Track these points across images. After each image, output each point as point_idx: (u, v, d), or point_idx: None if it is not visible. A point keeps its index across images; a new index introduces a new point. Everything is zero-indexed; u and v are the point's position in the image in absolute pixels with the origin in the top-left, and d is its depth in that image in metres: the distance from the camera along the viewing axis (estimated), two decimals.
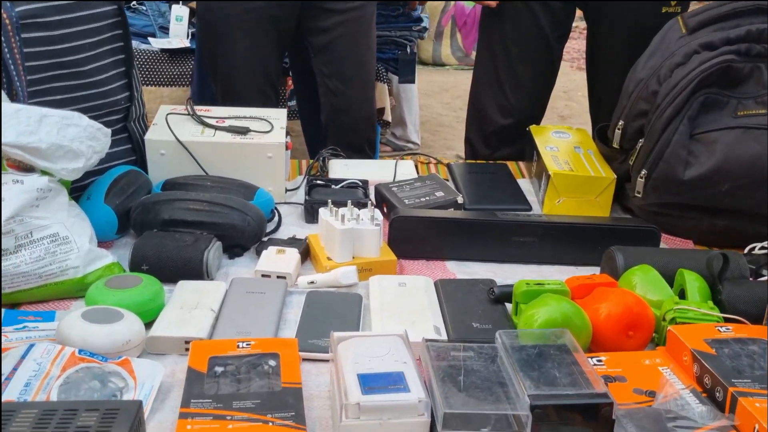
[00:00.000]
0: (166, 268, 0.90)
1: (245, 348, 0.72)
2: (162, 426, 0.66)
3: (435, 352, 0.68)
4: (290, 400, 0.65)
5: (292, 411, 0.64)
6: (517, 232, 1.01)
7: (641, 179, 1.06)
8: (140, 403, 0.59)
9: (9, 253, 0.80)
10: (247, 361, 0.70)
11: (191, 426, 0.61)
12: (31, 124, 0.81)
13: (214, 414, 0.63)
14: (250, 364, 0.70)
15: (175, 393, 0.71)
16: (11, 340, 0.72)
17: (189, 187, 1.06)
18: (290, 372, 0.69)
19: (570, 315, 0.76)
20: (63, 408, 0.57)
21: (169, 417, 0.67)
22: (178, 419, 0.62)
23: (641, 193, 1.08)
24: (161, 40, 2.11)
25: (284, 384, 0.67)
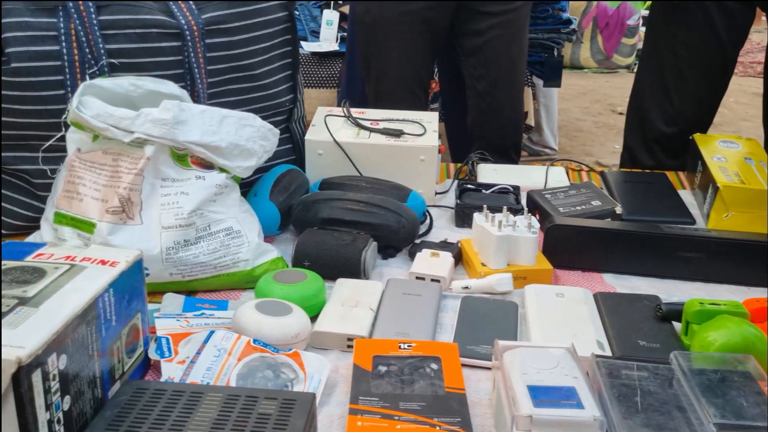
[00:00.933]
0: (326, 265, 0.93)
1: (407, 349, 0.73)
2: (330, 419, 0.68)
3: (606, 368, 0.66)
4: (455, 406, 0.65)
5: (458, 417, 0.64)
6: (683, 247, 0.95)
7: None
8: (314, 396, 0.61)
9: (190, 243, 0.86)
10: (409, 363, 0.71)
11: (362, 423, 0.63)
12: (214, 124, 0.87)
13: (382, 413, 0.64)
14: (413, 366, 0.71)
15: (340, 389, 0.73)
16: (192, 325, 0.77)
17: (345, 186, 1.09)
18: (453, 377, 0.69)
19: (753, 340, 0.71)
20: (245, 395, 0.61)
21: (335, 411, 0.70)
22: (348, 415, 0.64)
23: None
24: (312, 43, 2.19)
25: (448, 389, 0.67)
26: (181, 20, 0.94)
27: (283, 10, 1.03)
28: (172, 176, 0.85)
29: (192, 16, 0.94)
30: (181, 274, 0.86)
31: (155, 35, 0.93)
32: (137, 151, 0.84)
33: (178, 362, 0.70)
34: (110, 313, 0.64)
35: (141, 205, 0.84)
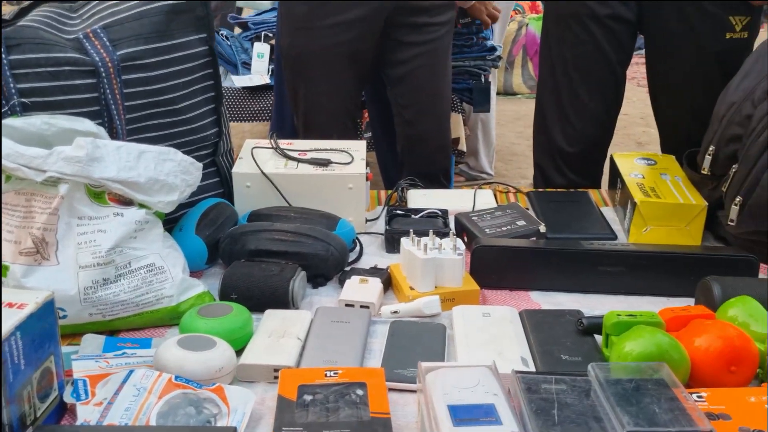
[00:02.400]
0: (253, 297, 0.92)
1: (333, 377, 0.73)
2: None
3: (526, 384, 0.67)
4: (380, 430, 0.65)
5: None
6: (604, 262, 0.98)
7: (735, 206, 1.02)
8: (235, 429, 0.60)
9: (110, 282, 0.84)
10: (335, 390, 0.71)
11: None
12: (131, 159, 0.86)
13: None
14: (339, 393, 0.70)
15: (265, 421, 0.72)
16: (112, 365, 0.75)
17: (273, 218, 1.08)
18: (378, 402, 0.69)
19: (666, 348, 0.73)
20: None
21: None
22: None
23: (735, 221, 1.03)
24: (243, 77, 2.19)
25: (373, 414, 0.67)
26: (95, 57, 0.93)
27: (203, 45, 1.04)
28: (89, 214, 0.84)
29: (106, 53, 0.93)
30: (101, 313, 0.84)
31: (68, 73, 0.92)
32: (51, 190, 0.82)
33: (95, 404, 0.68)
34: (18, 358, 0.61)
35: (57, 245, 0.82)
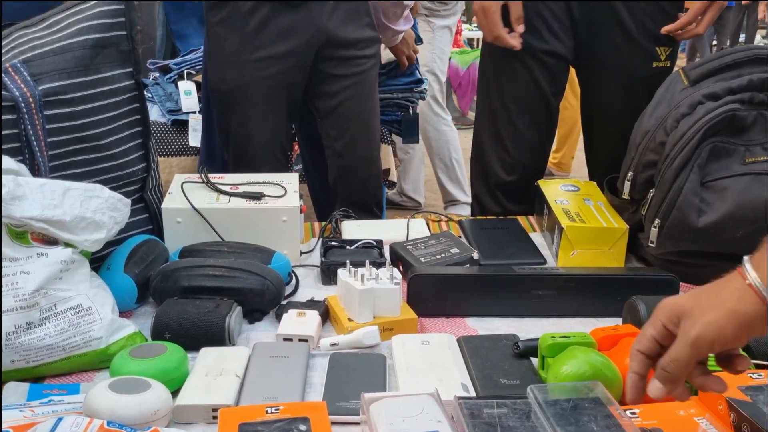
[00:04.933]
0: (188, 336, 0.89)
1: (274, 413, 0.71)
2: None
3: (468, 409, 0.67)
4: None
5: None
6: (536, 286, 1.01)
7: (655, 228, 1.07)
8: None
9: (33, 326, 0.80)
10: (277, 427, 0.69)
11: None
12: (55, 197, 0.83)
13: None
14: (281, 430, 0.69)
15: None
16: (38, 414, 0.71)
17: (206, 253, 1.06)
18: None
19: (599, 367, 0.76)
20: None
21: None
22: None
23: (655, 243, 1.08)
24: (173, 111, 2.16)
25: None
26: (15, 92, 0.90)
27: (129, 79, 1.02)
28: (10, 255, 0.80)
29: (27, 88, 0.90)
30: (25, 360, 0.80)
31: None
32: None
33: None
34: None
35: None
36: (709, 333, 0.60)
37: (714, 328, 0.60)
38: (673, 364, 0.61)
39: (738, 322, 0.59)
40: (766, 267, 0.59)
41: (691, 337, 0.60)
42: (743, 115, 1.03)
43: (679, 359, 0.61)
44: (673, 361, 0.61)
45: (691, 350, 0.60)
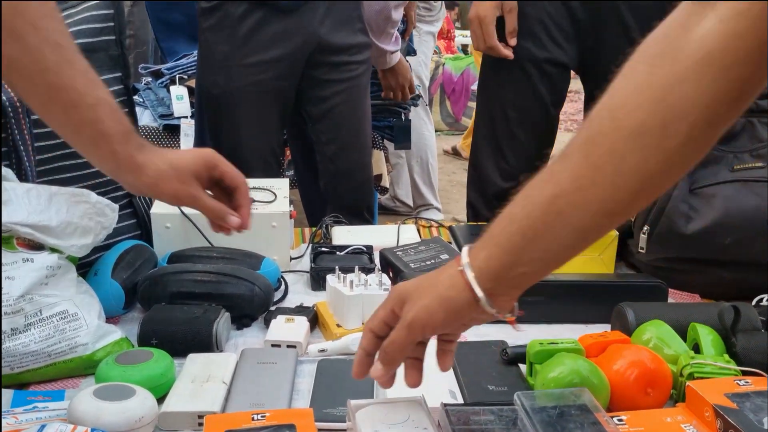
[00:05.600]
0: (175, 342, 0.89)
1: (260, 420, 0.71)
2: None
3: (455, 416, 0.67)
4: None
5: None
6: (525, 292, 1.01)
7: (644, 235, 1.08)
8: None
9: (18, 332, 0.79)
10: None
11: None
12: (41, 202, 0.82)
13: None
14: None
15: None
16: (21, 421, 0.71)
17: (195, 259, 1.06)
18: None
19: (587, 374, 0.76)
20: None
21: None
22: None
23: (645, 249, 1.09)
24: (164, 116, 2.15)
25: None
26: (3, 96, 0.89)
27: (118, 83, 1.01)
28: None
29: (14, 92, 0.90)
30: (9, 366, 0.79)
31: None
32: None
33: None
34: None
35: None
36: (421, 317, 0.61)
37: (426, 312, 0.61)
38: (391, 345, 0.63)
39: (446, 307, 0.61)
40: (481, 254, 0.60)
41: (407, 320, 0.62)
42: None
43: (396, 341, 0.62)
44: (391, 342, 0.63)
45: (407, 332, 0.62)
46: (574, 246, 0.59)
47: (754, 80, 0.53)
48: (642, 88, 0.54)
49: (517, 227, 0.58)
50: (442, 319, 0.61)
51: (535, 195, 0.58)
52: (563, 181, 0.56)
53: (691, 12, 0.53)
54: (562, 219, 0.56)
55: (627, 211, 0.58)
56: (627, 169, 0.54)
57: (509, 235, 0.59)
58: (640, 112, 0.53)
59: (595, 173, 0.55)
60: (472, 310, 0.61)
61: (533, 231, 0.57)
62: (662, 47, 0.54)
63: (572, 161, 0.57)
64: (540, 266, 0.60)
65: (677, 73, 0.52)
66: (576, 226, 0.57)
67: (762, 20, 0.50)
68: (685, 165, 0.56)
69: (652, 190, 0.56)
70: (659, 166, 0.54)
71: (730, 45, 0.51)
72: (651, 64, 0.54)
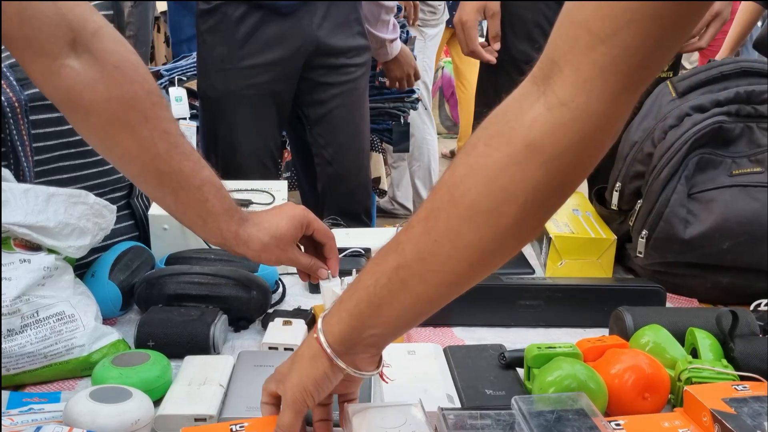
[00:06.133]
0: (172, 344, 0.89)
1: (239, 431, 0.69)
2: None
3: (452, 420, 0.67)
4: None
5: None
6: (523, 296, 1.01)
7: (642, 239, 1.07)
8: None
9: (15, 333, 0.79)
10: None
11: None
12: (39, 203, 0.82)
13: None
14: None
15: None
16: (17, 423, 0.70)
17: (192, 261, 1.06)
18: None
19: (585, 378, 0.76)
20: None
21: None
22: None
23: (643, 253, 1.09)
24: None
25: None
26: (2, 97, 0.89)
27: None
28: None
29: (13, 93, 0.90)
30: (5, 367, 0.79)
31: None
32: None
33: None
34: None
35: None
36: (297, 395, 0.64)
37: (299, 389, 0.64)
38: (282, 427, 0.65)
39: (314, 378, 0.64)
40: (333, 320, 0.63)
41: (287, 402, 0.65)
42: (730, 127, 1.03)
43: (285, 422, 0.65)
44: (281, 426, 0.65)
45: (292, 412, 0.64)
46: (421, 312, 0.62)
47: (578, 170, 0.55)
48: (477, 168, 0.56)
49: (364, 294, 0.61)
50: (314, 389, 0.64)
51: (382, 264, 0.60)
52: (407, 252, 0.59)
53: (528, 92, 0.55)
54: (406, 288, 0.59)
55: (468, 282, 0.60)
56: (463, 245, 0.57)
57: (357, 302, 0.61)
58: (473, 193, 0.56)
59: (434, 247, 0.58)
60: (337, 373, 0.64)
61: (379, 298, 0.60)
62: (499, 128, 0.56)
63: (415, 233, 0.59)
64: (390, 329, 0.63)
65: (510, 155, 0.54)
66: (419, 295, 0.59)
67: (586, 113, 0.52)
68: (520, 242, 0.59)
69: (489, 263, 0.59)
70: (493, 243, 0.56)
71: (555, 134, 0.53)
72: (488, 145, 0.56)
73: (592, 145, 0.54)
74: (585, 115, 0.52)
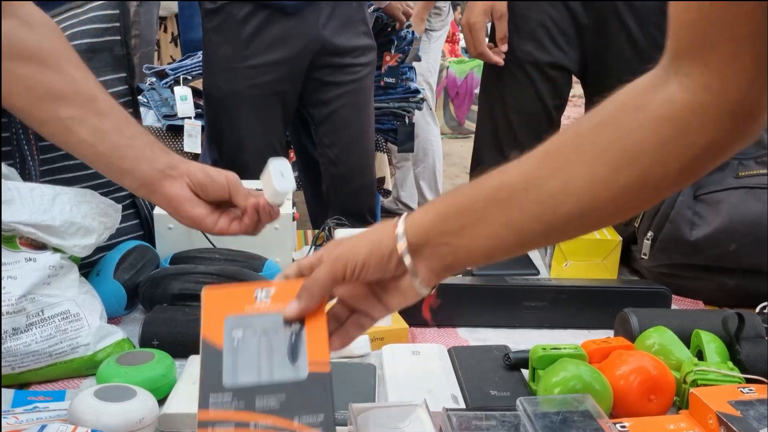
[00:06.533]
0: (177, 343, 0.89)
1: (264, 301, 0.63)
2: None
3: (456, 421, 0.67)
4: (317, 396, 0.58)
5: (320, 413, 0.57)
6: (528, 297, 1.01)
7: (647, 241, 1.07)
8: None
9: (20, 332, 0.79)
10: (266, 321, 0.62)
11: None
12: (45, 202, 0.82)
13: (236, 421, 0.56)
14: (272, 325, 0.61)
15: None
16: (21, 421, 0.70)
17: (197, 260, 1.06)
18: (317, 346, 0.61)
19: (590, 380, 0.75)
20: None
21: None
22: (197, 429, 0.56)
23: (648, 255, 1.08)
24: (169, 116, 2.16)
25: (311, 366, 0.60)
26: None
27: (122, 84, 1.01)
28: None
29: None
30: (10, 366, 0.79)
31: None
32: None
33: None
34: None
35: None
36: (344, 253, 0.62)
37: (350, 249, 0.62)
38: (312, 280, 0.63)
39: (370, 248, 0.62)
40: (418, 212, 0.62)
41: (332, 256, 0.63)
42: None
43: (318, 276, 0.63)
44: (313, 278, 0.63)
45: (329, 267, 0.62)
46: (501, 240, 0.60)
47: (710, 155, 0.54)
48: (605, 124, 0.56)
49: (458, 199, 0.61)
50: (363, 258, 0.61)
51: (486, 180, 0.60)
52: (514, 177, 0.59)
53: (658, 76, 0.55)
54: (501, 208, 0.59)
55: (559, 229, 0.59)
56: (574, 188, 0.57)
57: (448, 205, 0.61)
58: (597, 147, 0.56)
59: (543, 181, 0.58)
60: (393, 261, 0.61)
61: (470, 210, 0.59)
62: (631, 96, 0.56)
63: (528, 164, 0.59)
64: (465, 243, 0.60)
65: (638, 120, 0.55)
66: (510, 220, 0.59)
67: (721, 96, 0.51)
68: (631, 209, 0.59)
69: (589, 221, 0.59)
70: (602, 199, 0.56)
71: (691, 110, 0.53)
72: (618, 108, 0.57)
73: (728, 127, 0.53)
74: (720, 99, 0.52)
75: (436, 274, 0.62)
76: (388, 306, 0.66)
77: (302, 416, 0.57)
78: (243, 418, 0.56)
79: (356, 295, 0.65)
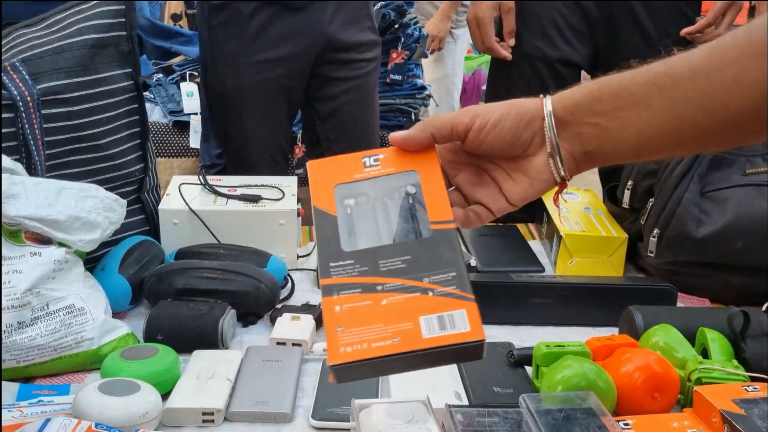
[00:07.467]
0: (181, 338, 0.89)
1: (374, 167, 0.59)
2: None
3: (460, 418, 0.67)
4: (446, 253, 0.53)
5: (451, 270, 0.52)
6: (533, 294, 1.00)
7: (654, 238, 1.07)
8: None
9: (25, 326, 0.80)
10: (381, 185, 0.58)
11: (340, 307, 0.51)
12: (50, 197, 0.82)
13: (362, 284, 0.52)
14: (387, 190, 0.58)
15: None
16: (26, 415, 0.71)
17: (202, 255, 1.06)
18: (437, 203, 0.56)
19: (593, 377, 0.75)
20: None
21: None
22: (322, 297, 0.53)
23: (654, 252, 1.08)
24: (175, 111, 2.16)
25: (434, 225, 0.55)
26: (14, 91, 0.90)
27: (128, 79, 1.01)
28: (4, 254, 0.80)
29: (26, 87, 0.90)
30: (16, 359, 0.79)
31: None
32: None
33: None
34: None
35: None
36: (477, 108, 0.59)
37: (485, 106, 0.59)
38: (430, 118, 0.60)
39: (509, 108, 0.59)
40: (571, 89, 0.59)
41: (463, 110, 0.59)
42: None
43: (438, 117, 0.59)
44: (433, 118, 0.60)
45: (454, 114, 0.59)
46: (653, 135, 0.55)
47: None
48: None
49: (614, 81, 0.56)
50: (500, 113, 0.58)
51: (647, 69, 0.56)
52: (678, 67, 0.55)
53: None
54: (660, 94, 0.54)
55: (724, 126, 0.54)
56: (748, 82, 0.52)
57: (602, 85, 0.57)
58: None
59: (712, 71, 0.53)
60: (531, 129, 0.57)
61: (628, 91, 0.55)
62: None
63: (695, 54, 0.55)
64: (614, 133, 0.56)
65: None
66: (669, 108, 0.54)
67: None
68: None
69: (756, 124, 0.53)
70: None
71: None
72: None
73: None
74: None
75: (575, 159, 0.58)
76: (509, 195, 0.60)
77: (432, 275, 0.53)
78: (369, 280, 0.53)
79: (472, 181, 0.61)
